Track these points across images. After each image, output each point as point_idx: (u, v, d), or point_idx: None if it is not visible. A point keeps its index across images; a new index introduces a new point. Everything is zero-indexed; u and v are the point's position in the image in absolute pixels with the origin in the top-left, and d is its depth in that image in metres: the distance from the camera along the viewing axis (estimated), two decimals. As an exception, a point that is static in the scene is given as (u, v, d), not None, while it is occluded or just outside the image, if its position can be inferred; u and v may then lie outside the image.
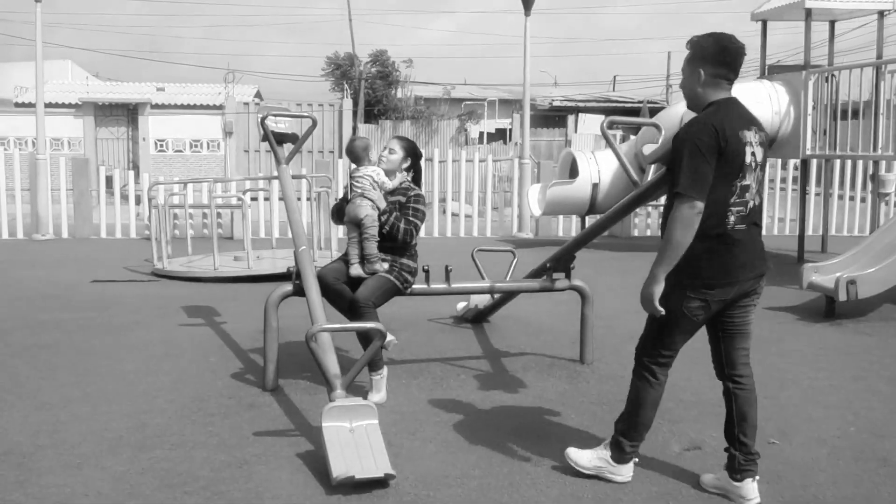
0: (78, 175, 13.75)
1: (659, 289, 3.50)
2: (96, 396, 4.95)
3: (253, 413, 4.69)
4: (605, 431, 4.44)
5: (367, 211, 5.04)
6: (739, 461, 3.65)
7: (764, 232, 13.19)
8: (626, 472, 3.80)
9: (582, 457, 3.87)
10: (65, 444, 4.18)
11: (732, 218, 3.51)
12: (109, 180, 14.33)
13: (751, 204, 3.55)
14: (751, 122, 3.61)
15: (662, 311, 3.52)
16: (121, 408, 4.74)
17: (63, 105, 25.90)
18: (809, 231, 13.31)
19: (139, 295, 8.38)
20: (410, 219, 5.10)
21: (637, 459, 3.87)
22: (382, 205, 5.08)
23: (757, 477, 3.66)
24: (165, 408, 4.75)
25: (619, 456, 3.79)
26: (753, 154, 3.54)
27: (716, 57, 3.55)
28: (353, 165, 5.27)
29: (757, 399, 3.79)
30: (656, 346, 3.73)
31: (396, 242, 5.09)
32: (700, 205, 3.40)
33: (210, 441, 4.24)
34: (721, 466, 3.78)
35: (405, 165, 5.27)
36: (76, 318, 7.18)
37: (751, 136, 3.54)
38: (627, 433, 3.78)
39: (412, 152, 5.31)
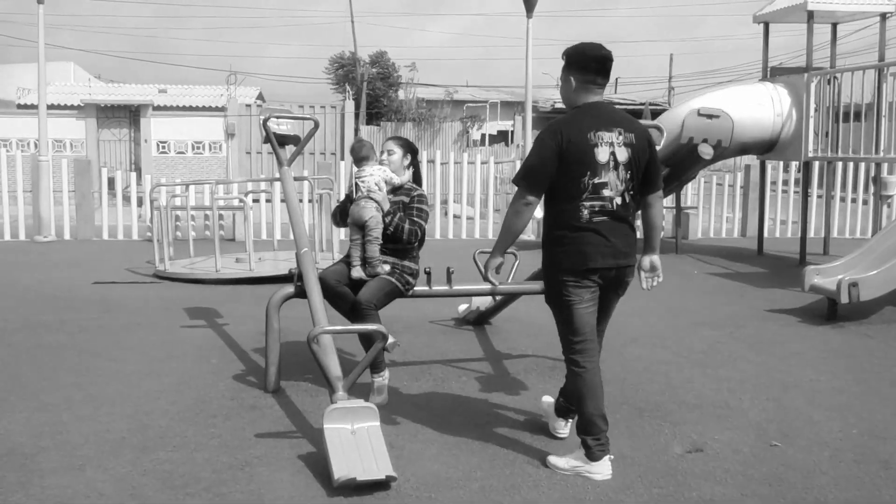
0: (80, 177, 13.76)
1: (494, 261, 4.10)
2: (98, 398, 4.96)
3: (255, 415, 4.69)
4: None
5: (371, 213, 5.03)
6: (560, 404, 4.29)
7: (765, 234, 13.12)
8: (601, 468, 3.90)
9: (561, 462, 4.00)
10: (67, 445, 4.18)
11: (586, 212, 3.82)
12: (111, 182, 14.33)
13: (616, 199, 3.84)
14: (614, 123, 3.87)
15: (496, 281, 4.18)
16: (123, 409, 4.75)
17: (65, 107, 25.95)
18: (811, 233, 13.29)
19: (141, 296, 8.39)
20: (415, 219, 5.10)
21: (612, 456, 3.97)
22: (387, 206, 5.08)
23: (571, 420, 4.25)
24: (167, 409, 4.76)
25: (590, 454, 3.91)
26: (613, 154, 3.82)
27: (584, 64, 3.89)
28: (356, 167, 5.27)
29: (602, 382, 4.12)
30: (567, 337, 4.01)
31: (400, 243, 5.09)
32: (530, 197, 3.83)
33: (212, 442, 4.25)
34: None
35: (406, 163, 5.27)
36: (78, 319, 7.19)
37: (612, 136, 3.82)
38: (587, 430, 3.93)
39: (410, 149, 5.32)
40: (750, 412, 4.85)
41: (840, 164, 14.72)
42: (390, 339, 4.60)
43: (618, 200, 3.86)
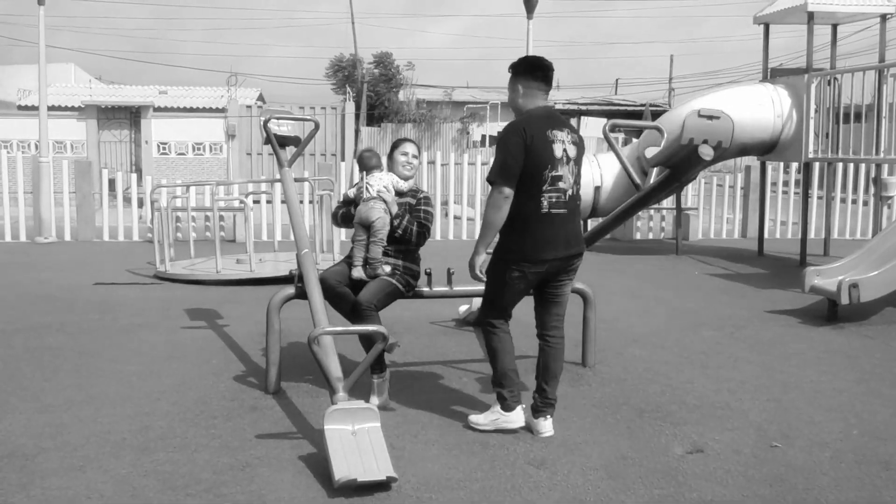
0: (81, 178, 13.77)
1: (479, 259, 4.32)
2: (99, 399, 4.96)
3: (255, 416, 4.69)
4: (608, 434, 4.45)
5: (379, 213, 5.04)
6: (538, 403, 4.46)
7: (766, 235, 13.16)
8: (515, 417, 4.42)
9: (480, 418, 4.49)
10: (68, 446, 4.19)
11: (546, 203, 4.23)
12: (112, 183, 14.34)
13: (568, 192, 4.29)
14: (563, 124, 4.36)
15: (484, 278, 4.37)
16: (123, 410, 4.75)
17: (66, 108, 25.96)
18: (812, 234, 13.29)
19: (142, 297, 8.39)
20: (423, 221, 5.11)
21: (524, 405, 4.48)
22: (394, 209, 5.08)
23: (550, 417, 4.46)
24: (168, 410, 4.76)
25: (505, 405, 4.41)
26: (565, 150, 4.28)
27: (528, 74, 4.35)
28: (363, 172, 5.27)
29: (563, 356, 4.59)
30: (492, 308, 4.46)
31: (409, 245, 5.10)
32: (507, 190, 4.16)
33: (212, 443, 4.25)
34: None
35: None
36: (79, 320, 7.20)
37: (562, 135, 4.28)
38: (502, 384, 4.43)
39: (419, 151, 5.39)
40: (750, 413, 4.85)
41: (840, 165, 14.73)
42: (390, 340, 4.60)
43: (570, 192, 4.31)
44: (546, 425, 4.43)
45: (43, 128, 14.07)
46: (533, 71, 4.35)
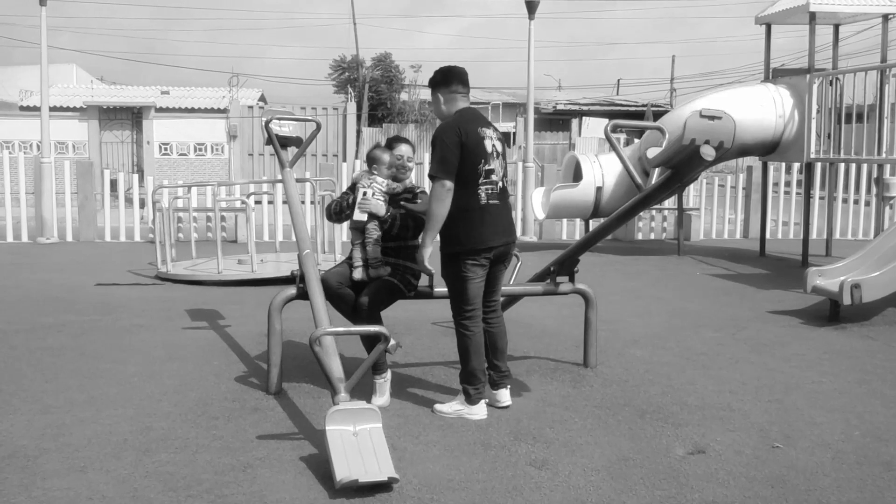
0: (82, 178, 13.78)
1: (427, 252, 4.57)
2: (100, 400, 4.96)
3: (256, 416, 4.69)
4: (610, 434, 4.45)
5: (382, 209, 5.03)
6: (493, 377, 4.86)
7: (767, 236, 13.13)
8: (479, 410, 4.69)
9: (445, 407, 4.75)
10: (69, 447, 4.19)
11: (483, 195, 4.58)
12: (114, 184, 14.35)
13: (500, 184, 4.67)
14: (488, 123, 4.76)
15: (432, 270, 4.67)
16: (125, 411, 4.75)
17: (68, 109, 25.98)
18: (814, 235, 13.28)
19: (143, 298, 8.39)
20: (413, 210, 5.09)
21: (487, 400, 4.78)
22: (381, 212, 5.04)
23: (508, 386, 4.92)
24: (169, 411, 4.76)
25: (470, 399, 4.69)
26: (494, 146, 4.65)
27: (445, 81, 4.72)
28: (368, 167, 5.24)
29: (506, 333, 4.98)
30: (460, 306, 4.69)
31: (408, 241, 5.08)
32: (449, 183, 4.47)
33: (214, 444, 4.25)
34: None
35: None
36: (80, 321, 7.20)
37: (489, 132, 4.66)
38: (468, 380, 4.69)
39: (413, 149, 5.39)
40: (752, 414, 4.84)
41: (842, 165, 14.71)
42: (392, 341, 4.60)
43: (500, 185, 4.69)
44: (505, 394, 4.90)
45: (45, 128, 14.08)
46: (448, 79, 4.72)
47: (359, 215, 5.01)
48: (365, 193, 5.04)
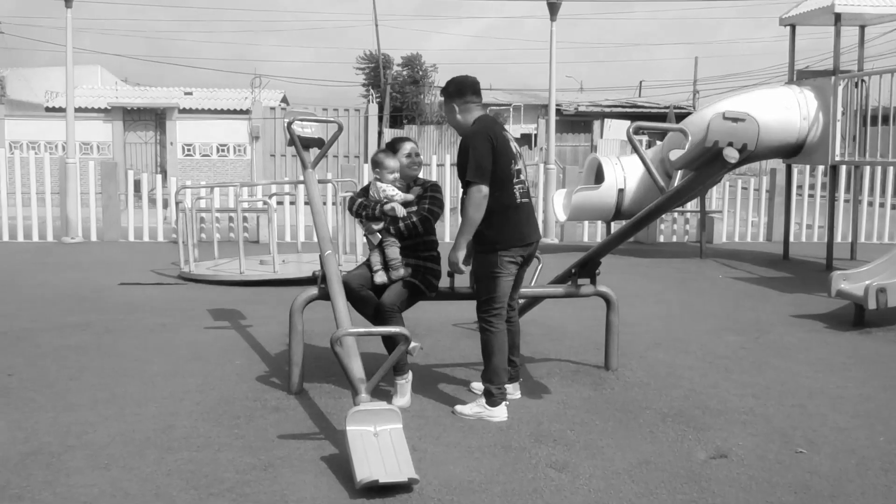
0: (106, 179, 13.90)
1: (461, 254, 4.66)
2: (124, 398, 5.00)
3: (278, 416, 4.71)
4: (631, 438, 4.43)
5: (402, 212, 5.05)
6: (511, 373, 4.95)
7: (791, 239, 13.01)
8: (500, 412, 4.70)
9: (465, 408, 4.75)
10: (93, 444, 4.22)
11: (518, 194, 4.73)
12: (137, 184, 14.47)
13: (526, 183, 4.85)
14: (503, 127, 4.90)
15: (465, 270, 4.75)
16: (147, 409, 4.78)
17: (92, 110, 26.23)
18: (838, 238, 13.16)
19: (166, 298, 8.46)
20: (428, 211, 5.09)
21: (508, 402, 4.78)
22: (401, 212, 5.08)
23: (519, 381, 5.14)
24: (191, 410, 4.79)
25: (492, 400, 4.70)
26: (516, 148, 4.83)
27: (460, 91, 4.80)
28: (372, 171, 5.26)
29: (520, 331, 5.18)
30: (490, 303, 4.72)
31: (417, 238, 5.09)
32: (485, 189, 4.55)
33: (235, 443, 4.27)
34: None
35: None
36: (104, 320, 7.26)
37: (509, 136, 4.83)
38: (492, 379, 4.70)
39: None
40: (775, 418, 4.80)
41: (868, 168, 14.57)
42: (413, 343, 4.60)
43: (527, 184, 4.88)
44: (516, 387, 5.11)
45: (70, 129, 14.22)
46: (462, 90, 4.80)
47: (373, 235, 5.08)
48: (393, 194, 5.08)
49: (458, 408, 4.79)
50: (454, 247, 4.68)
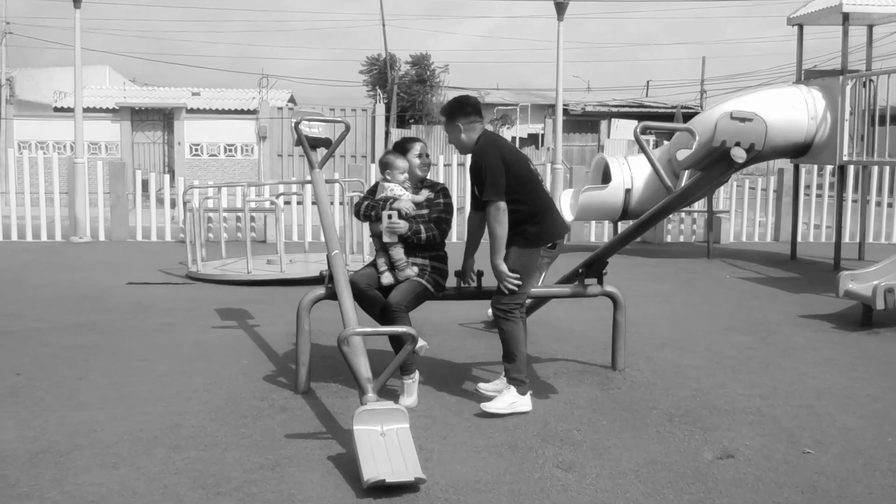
0: (115, 179, 13.95)
1: (504, 267, 4.76)
2: (131, 397, 5.02)
3: (285, 415, 4.72)
4: (638, 438, 4.42)
5: (409, 206, 5.06)
6: None
7: (799, 239, 13.00)
8: (527, 402, 4.81)
9: (497, 404, 4.73)
10: (101, 443, 4.24)
11: (545, 194, 5.04)
12: (145, 184, 14.52)
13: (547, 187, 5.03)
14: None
15: (518, 280, 4.79)
16: (155, 409, 4.80)
17: (101, 110, 26.29)
18: (846, 238, 13.12)
19: (173, 297, 8.48)
20: (440, 216, 5.13)
21: (531, 391, 4.92)
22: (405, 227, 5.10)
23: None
24: (199, 409, 4.80)
25: (521, 390, 4.79)
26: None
27: (464, 111, 4.90)
28: (381, 173, 5.26)
29: (527, 330, 5.19)
30: (519, 296, 4.87)
31: (438, 248, 5.13)
32: (503, 204, 4.69)
33: (243, 443, 4.28)
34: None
35: None
36: (112, 319, 7.29)
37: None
38: (520, 369, 4.81)
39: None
40: (782, 419, 4.79)
41: (875, 167, 14.52)
42: (420, 342, 4.60)
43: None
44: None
45: (78, 129, 14.27)
46: (465, 109, 4.90)
47: (388, 237, 5.04)
48: (391, 216, 5.03)
49: (488, 405, 4.74)
50: (496, 266, 4.76)
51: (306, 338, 5.12)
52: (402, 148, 5.27)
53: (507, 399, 4.74)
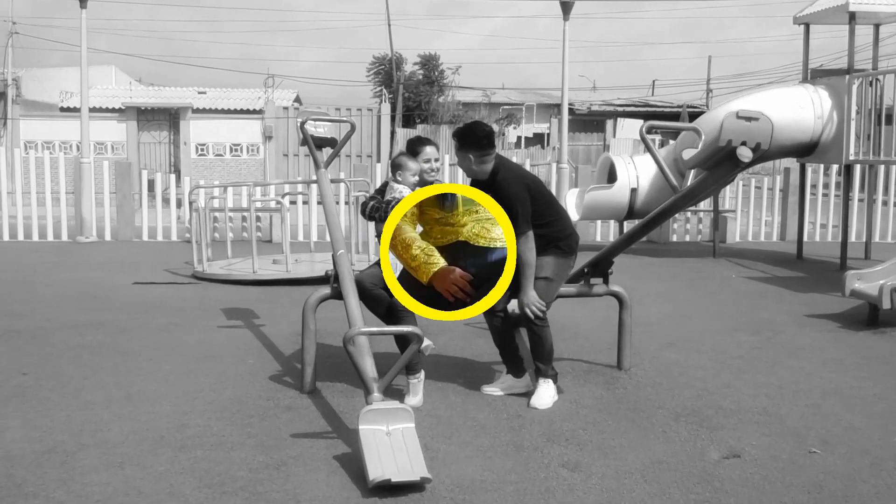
0: (121, 178, 13.98)
1: (534, 295, 4.87)
2: (138, 397, 5.03)
3: (291, 415, 4.72)
4: (643, 437, 4.42)
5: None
6: (521, 366, 5.21)
7: (805, 238, 12.98)
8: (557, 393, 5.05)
9: (542, 402, 4.90)
10: (107, 443, 4.25)
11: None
12: (151, 184, 14.55)
13: None
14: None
15: (545, 307, 4.92)
16: (161, 408, 4.81)
17: (107, 110, 26.37)
18: (852, 238, 13.09)
19: (179, 297, 8.49)
20: None
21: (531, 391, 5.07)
22: None
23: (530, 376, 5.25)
24: (205, 409, 4.81)
25: (556, 382, 5.05)
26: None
27: (477, 144, 4.80)
28: (392, 174, 5.27)
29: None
30: (548, 305, 5.01)
31: None
32: (531, 232, 4.83)
33: (248, 442, 4.29)
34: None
35: None
36: (118, 319, 7.30)
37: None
38: (552, 366, 5.05)
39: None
40: (788, 418, 4.78)
41: (882, 167, 14.48)
42: (425, 342, 4.60)
43: None
44: (529, 384, 5.22)
45: (84, 129, 14.30)
46: (479, 143, 4.81)
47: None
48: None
49: (536, 402, 4.91)
50: (526, 295, 4.85)
51: (312, 337, 5.12)
52: (413, 149, 5.29)
53: (550, 392, 4.97)
